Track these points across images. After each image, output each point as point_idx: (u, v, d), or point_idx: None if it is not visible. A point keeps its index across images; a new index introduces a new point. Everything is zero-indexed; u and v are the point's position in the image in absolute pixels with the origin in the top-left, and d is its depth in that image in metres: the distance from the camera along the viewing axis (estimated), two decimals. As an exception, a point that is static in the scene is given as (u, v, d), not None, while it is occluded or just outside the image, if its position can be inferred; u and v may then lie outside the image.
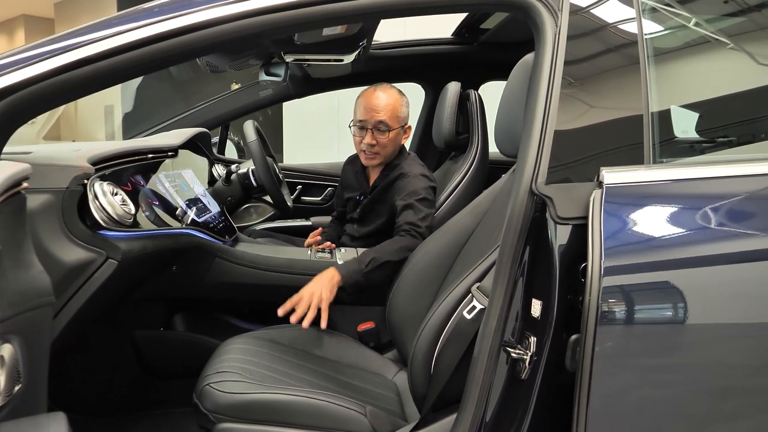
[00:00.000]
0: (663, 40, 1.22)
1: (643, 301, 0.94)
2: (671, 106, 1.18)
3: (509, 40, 2.64)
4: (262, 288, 1.86)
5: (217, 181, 2.29)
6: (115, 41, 1.03)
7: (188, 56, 1.13)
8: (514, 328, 1.05)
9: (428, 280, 1.61)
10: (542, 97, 1.06)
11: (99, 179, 1.28)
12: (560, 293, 0.95)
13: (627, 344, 0.93)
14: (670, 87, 1.20)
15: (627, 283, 0.93)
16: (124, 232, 1.30)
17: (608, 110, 1.09)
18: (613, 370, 0.92)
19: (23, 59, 1.02)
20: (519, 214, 1.03)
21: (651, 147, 1.05)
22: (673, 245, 0.96)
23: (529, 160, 1.04)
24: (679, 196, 1.01)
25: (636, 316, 0.93)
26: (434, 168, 2.58)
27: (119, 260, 1.24)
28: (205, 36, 1.05)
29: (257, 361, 1.48)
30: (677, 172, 1.06)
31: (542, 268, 0.99)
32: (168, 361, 1.89)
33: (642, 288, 0.94)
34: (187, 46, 1.06)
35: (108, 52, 1.03)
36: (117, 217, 1.27)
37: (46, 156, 1.21)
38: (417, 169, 2.03)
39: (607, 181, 0.97)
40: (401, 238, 1.81)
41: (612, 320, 0.91)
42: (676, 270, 0.94)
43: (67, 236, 1.17)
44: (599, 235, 0.92)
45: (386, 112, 1.99)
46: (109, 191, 1.27)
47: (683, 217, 0.98)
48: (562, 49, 1.09)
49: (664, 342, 0.93)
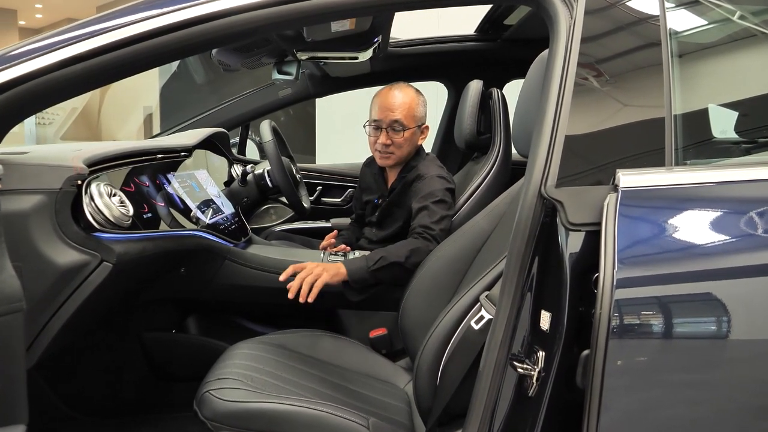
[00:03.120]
0: (688, 37, 1.14)
1: (660, 315, 0.86)
2: (698, 107, 1.10)
3: (534, 36, 2.54)
4: (272, 291, 1.81)
5: (233, 182, 2.26)
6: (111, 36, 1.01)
7: (192, 50, 1.09)
8: (523, 341, 0.99)
9: (442, 286, 1.55)
10: (554, 95, 1.00)
11: (97, 180, 1.25)
12: (571, 305, 0.88)
13: (641, 361, 0.85)
14: (697, 86, 1.12)
15: (642, 295, 0.86)
16: (120, 235, 1.27)
17: (626, 110, 1.01)
18: (626, 388, 0.85)
19: (17, 55, 0.99)
20: (527, 219, 0.97)
21: (673, 150, 0.97)
22: (696, 255, 0.88)
23: (539, 161, 0.97)
24: (704, 200, 0.93)
25: (652, 330, 0.86)
26: (456, 170, 2.52)
27: (114, 263, 1.20)
28: (213, 28, 1.02)
29: (261, 368, 1.44)
30: (703, 174, 0.97)
31: (552, 278, 0.93)
32: (177, 364, 1.87)
33: (658, 302, 0.86)
34: (187, 40, 1.03)
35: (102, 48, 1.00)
36: (114, 219, 1.24)
37: (41, 156, 1.19)
38: (434, 170, 1.97)
39: (623, 184, 0.89)
40: (413, 241, 1.76)
41: (625, 335, 0.84)
42: (697, 282, 0.87)
43: (61, 238, 1.14)
44: (613, 242, 0.85)
45: (401, 111, 1.93)
46: (106, 192, 1.24)
47: (707, 224, 0.90)
48: (576, 42, 1.02)
49: (683, 359, 0.86)
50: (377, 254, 1.72)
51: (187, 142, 2.00)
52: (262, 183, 2.23)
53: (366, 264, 1.69)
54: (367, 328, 1.79)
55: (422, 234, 1.76)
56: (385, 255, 1.70)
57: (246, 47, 1.76)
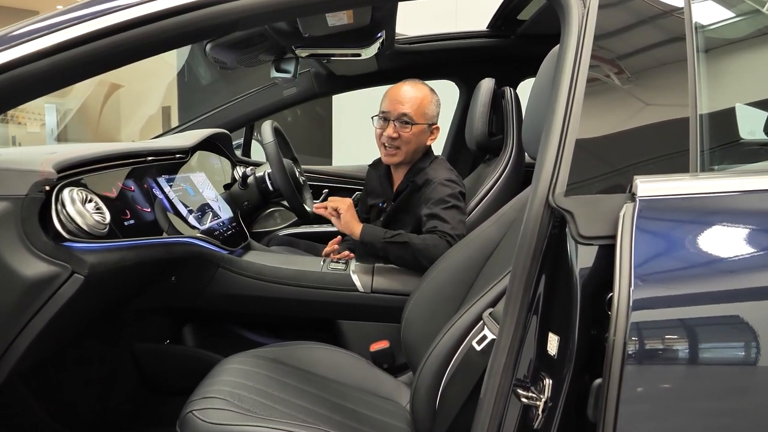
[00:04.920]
0: (715, 30, 1.04)
1: (682, 340, 0.77)
2: (725, 106, 1.00)
3: (550, 32, 2.42)
4: (269, 301, 1.73)
5: (233, 185, 2.18)
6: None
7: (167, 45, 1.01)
8: (529, 366, 0.89)
9: (447, 297, 1.46)
10: (564, 94, 0.91)
11: (71, 185, 1.17)
12: (582, 328, 0.79)
13: (659, 393, 0.76)
14: (724, 84, 1.02)
15: (662, 318, 0.76)
16: (94, 244, 1.18)
17: (645, 109, 0.92)
18: (642, 423, 0.76)
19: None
20: (533, 230, 0.87)
21: (698, 154, 0.87)
22: (722, 273, 0.78)
23: (546, 166, 0.88)
24: (732, 212, 0.82)
25: (672, 357, 0.77)
26: (468, 172, 2.43)
27: (86, 275, 1.12)
28: (188, 20, 0.94)
29: (251, 385, 1.35)
30: (731, 182, 0.86)
31: (560, 297, 0.84)
32: (169, 376, 1.79)
33: (680, 325, 0.77)
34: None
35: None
36: (87, 228, 1.15)
37: (10, 160, 1.11)
38: (443, 173, 1.88)
39: (641, 193, 0.80)
40: (432, 236, 1.71)
41: (642, 362, 0.75)
42: (723, 304, 0.77)
43: (27, 248, 1.06)
44: (629, 258, 0.75)
45: (412, 105, 1.87)
46: (80, 198, 1.16)
47: (735, 238, 0.79)
48: (589, 36, 0.93)
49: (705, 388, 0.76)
50: (397, 231, 1.78)
51: (184, 143, 1.91)
52: (263, 186, 2.15)
53: (382, 234, 1.77)
54: (368, 340, 1.70)
55: (443, 237, 1.70)
56: (402, 233, 1.76)
57: (241, 43, 1.67)
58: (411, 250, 1.70)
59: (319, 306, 1.73)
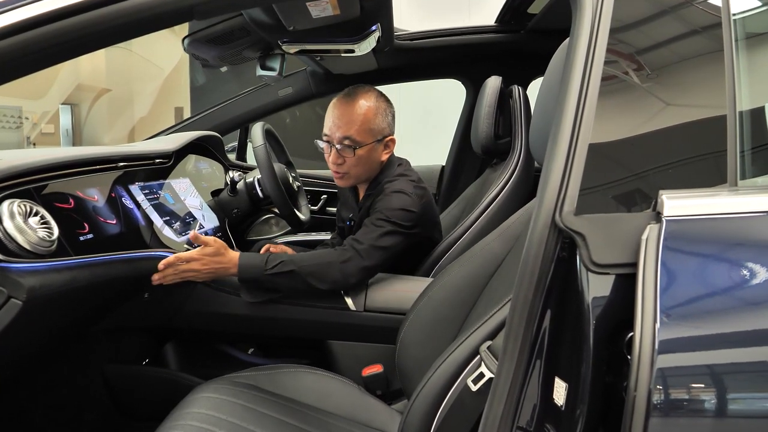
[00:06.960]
0: (759, 15, 0.89)
1: (719, 389, 0.64)
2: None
3: (562, 26, 2.28)
4: (252, 319, 1.59)
5: (222, 192, 2.04)
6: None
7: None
8: (532, 415, 0.76)
9: (446, 319, 1.33)
10: (575, 93, 0.77)
11: (12, 197, 1.03)
12: (595, 374, 0.68)
13: None
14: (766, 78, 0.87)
15: (694, 363, 0.64)
16: (36, 264, 1.04)
17: (671, 110, 0.79)
18: None
19: None
20: (536, 255, 0.74)
21: (738, 161, 0.72)
22: None
23: (553, 178, 0.74)
24: None
25: (707, 409, 0.65)
26: (474, 178, 2.30)
27: (23, 300, 0.98)
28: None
29: (223, 419, 1.21)
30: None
31: (569, 336, 0.72)
32: (143, 400, 1.65)
33: (716, 371, 0.65)
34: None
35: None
36: (29, 246, 1.02)
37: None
38: (398, 185, 1.67)
39: (668, 212, 0.68)
40: (331, 252, 1.57)
41: (668, 416, 0.63)
42: None
43: None
44: (654, 291, 0.64)
45: (352, 125, 1.64)
46: (20, 212, 1.02)
47: None
48: (604, 26, 0.80)
49: None
50: (279, 258, 1.53)
51: (166, 147, 1.78)
52: (253, 192, 2.02)
53: (261, 265, 1.52)
54: (360, 364, 1.55)
55: (345, 246, 1.57)
56: (286, 260, 1.53)
57: (221, 38, 1.54)
58: (301, 278, 1.51)
59: (307, 325, 1.59)
